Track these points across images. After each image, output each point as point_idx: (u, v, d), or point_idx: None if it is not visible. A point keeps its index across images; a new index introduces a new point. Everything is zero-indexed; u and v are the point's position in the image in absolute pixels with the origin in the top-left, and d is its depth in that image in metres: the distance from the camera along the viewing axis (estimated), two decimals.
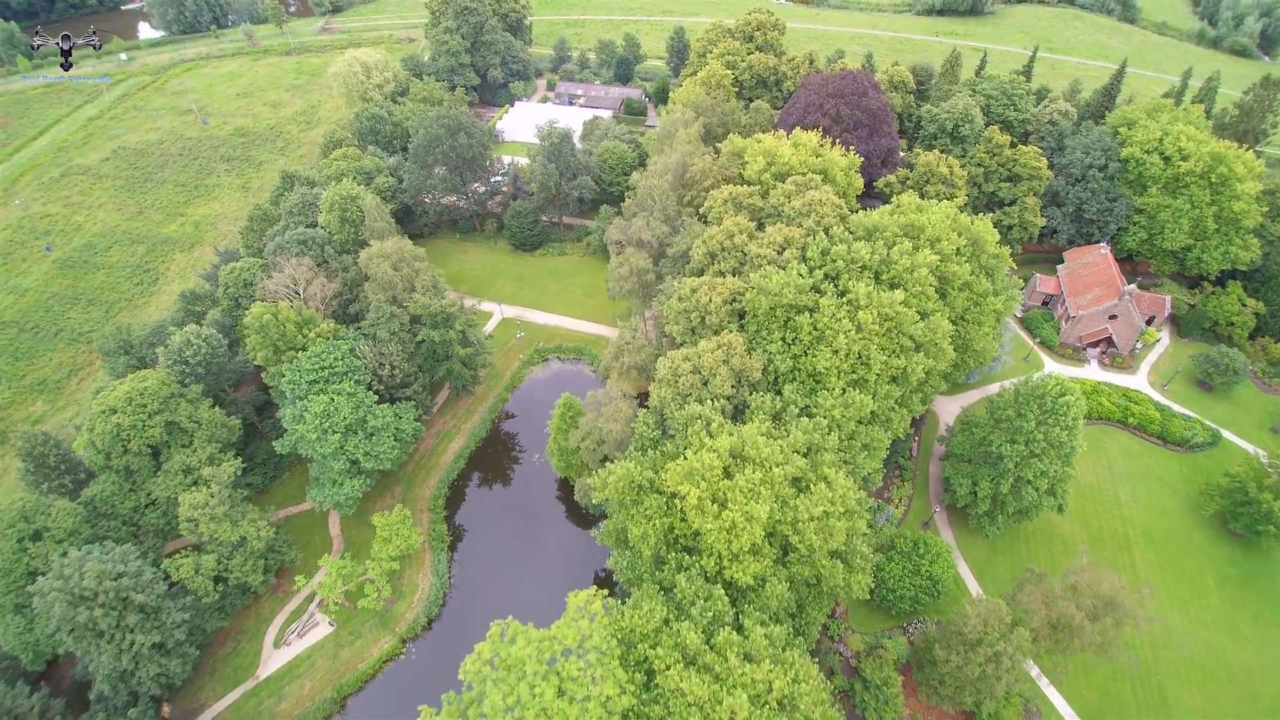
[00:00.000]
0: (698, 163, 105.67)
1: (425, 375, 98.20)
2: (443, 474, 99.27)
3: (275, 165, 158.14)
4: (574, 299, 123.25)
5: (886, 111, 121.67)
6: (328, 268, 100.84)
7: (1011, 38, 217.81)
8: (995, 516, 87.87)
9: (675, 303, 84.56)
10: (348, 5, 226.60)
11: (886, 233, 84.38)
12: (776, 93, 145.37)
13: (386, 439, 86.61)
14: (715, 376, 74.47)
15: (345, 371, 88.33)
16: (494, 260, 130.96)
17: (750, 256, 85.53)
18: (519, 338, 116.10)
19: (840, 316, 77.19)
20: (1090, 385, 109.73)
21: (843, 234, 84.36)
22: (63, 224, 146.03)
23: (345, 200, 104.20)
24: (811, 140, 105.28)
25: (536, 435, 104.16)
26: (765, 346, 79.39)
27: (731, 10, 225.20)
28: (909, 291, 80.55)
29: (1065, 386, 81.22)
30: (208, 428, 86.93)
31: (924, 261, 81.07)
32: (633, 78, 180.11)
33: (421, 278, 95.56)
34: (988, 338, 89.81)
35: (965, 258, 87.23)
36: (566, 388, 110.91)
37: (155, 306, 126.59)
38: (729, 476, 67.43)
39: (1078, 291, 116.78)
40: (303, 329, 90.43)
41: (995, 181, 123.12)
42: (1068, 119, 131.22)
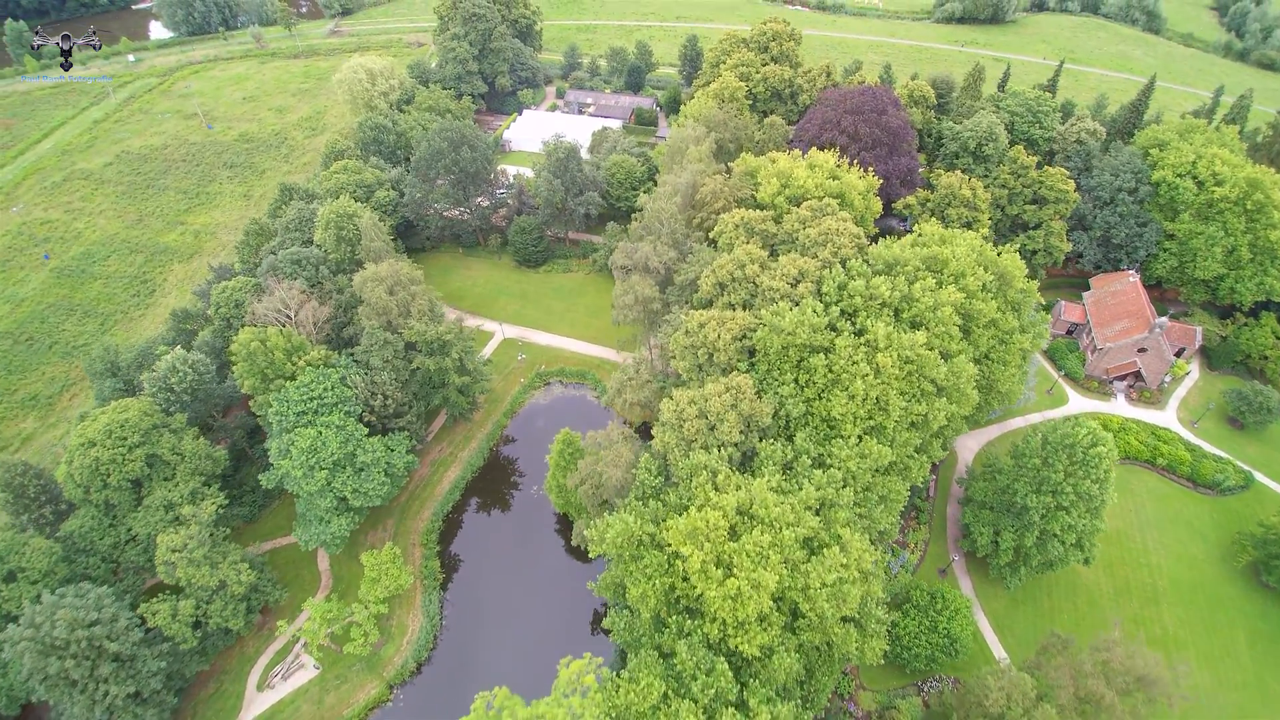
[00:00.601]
0: (708, 183, 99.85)
1: (420, 403, 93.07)
2: (437, 505, 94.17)
3: (278, 173, 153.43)
4: (578, 319, 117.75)
5: (907, 129, 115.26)
6: (321, 289, 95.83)
7: (1033, 47, 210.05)
8: (1018, 568, 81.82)
9: (682, 337, 78.91)
10: (358, 7, 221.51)
11: (908, 267, 78.35)
12: (792, 106, 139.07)
13: (377, 475, 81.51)
14: (723, 422, 68.83)
15: (335, 403, 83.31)
16: (497, 277, 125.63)
17: (762, 289, 79.75)
18: (520, 360, 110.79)
19: (858, 359, 71.32)
20: (1118, 422, 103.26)
21: (861, 267, 78.37)
22: (62, 231, 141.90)
23: (341, 218, 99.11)
24: (828, 161, 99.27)
25: (536, 464, 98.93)
26: (776, 389, 73.62)
27: (746, 17, 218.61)
28: (931, 332, 74.60)
29: (1097, 436, 75.05)
30: (191, 460, 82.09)
31: (948, 299, 75.07)
32: (644, 86, 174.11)
33: (418, 302, 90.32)
34: (1014, 379, 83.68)
35: (991, 294, 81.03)
36: (568, 414, 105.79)
37: (150, 320, 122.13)
38: (735, 537, 61.87)
39: (1105, 322, 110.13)
40: (292, 357, 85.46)
41: (1019, 204, 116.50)
42: (1095, 138, 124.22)
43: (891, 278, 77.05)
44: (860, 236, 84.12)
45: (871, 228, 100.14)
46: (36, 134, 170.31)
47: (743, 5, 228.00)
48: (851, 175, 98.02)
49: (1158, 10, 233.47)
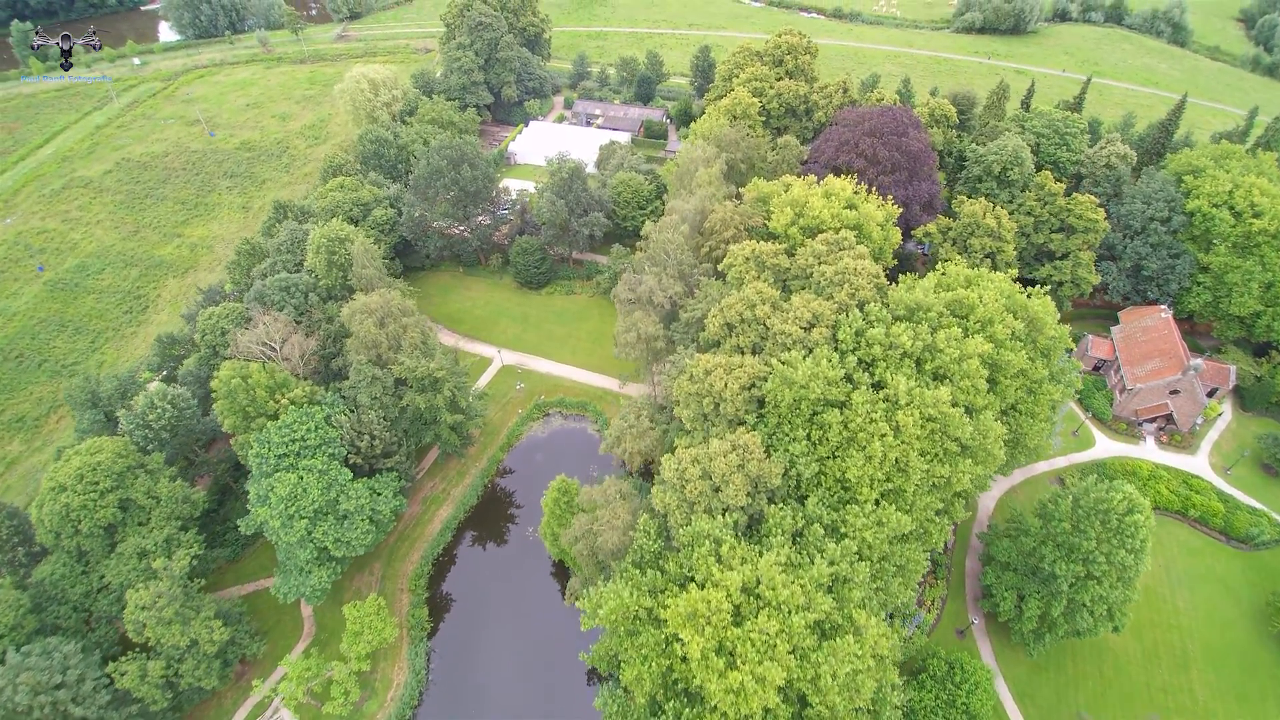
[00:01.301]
0: (718, 210, 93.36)
1: (410, 440, 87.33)
2: (427, 547, 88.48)
3: (278, 184, 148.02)
4: (580, 345, 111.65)
5: (928, 153, 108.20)
6: (310, 318, 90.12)
7: (1056, 59, 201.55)
8: (1042, 635, 75.24)
9: (686, 383, 72.65)
10: (366, 12, 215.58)
11: (931, 313, 71.67)
12: (806, 123, 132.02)
13: (360, 523, 75.85)
14: (728, 485, 62.59)
15: (318, 444, 77.66)
16: (497, 298, 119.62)
17: (773, 332, 73.32)
18: (519, 389, 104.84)
19: (876, 416, 64.86)
20: (1148, 470, 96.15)
21: (880, 313, 71.79)
22: (58, 241, 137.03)
23: (333, 243, 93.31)
24: (845, 190, 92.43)
25: (533, 502, 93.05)
26: (787, 446, 67.23)
27: (761, 25, 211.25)
28: (956, 385, 67.99)
29: (1134, 502, 68.36)
30: (167, 504, 76.66)
31: (975, 350, 68.42)
32: (654, 97, 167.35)
33: (409, 334, 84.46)
34: (1042, 433, 76.89)
35: (1021, 341, 74.24)
36: (567, 449, 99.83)
37: (140, 339, 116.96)
38: (739, 621, 55.73)
39: (1135, 360, 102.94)
40: (275, 394, 79.84)
41: (1046, 232, 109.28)
42: (1126, 163, 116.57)
43: (913, 325, 70.41)
44: (879, 276, 77.44)
45: (890, 259, 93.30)
46: (38, 139, 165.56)
47: (757, 13, 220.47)
48: (869, 205, 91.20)
49: (1183, 22, 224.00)
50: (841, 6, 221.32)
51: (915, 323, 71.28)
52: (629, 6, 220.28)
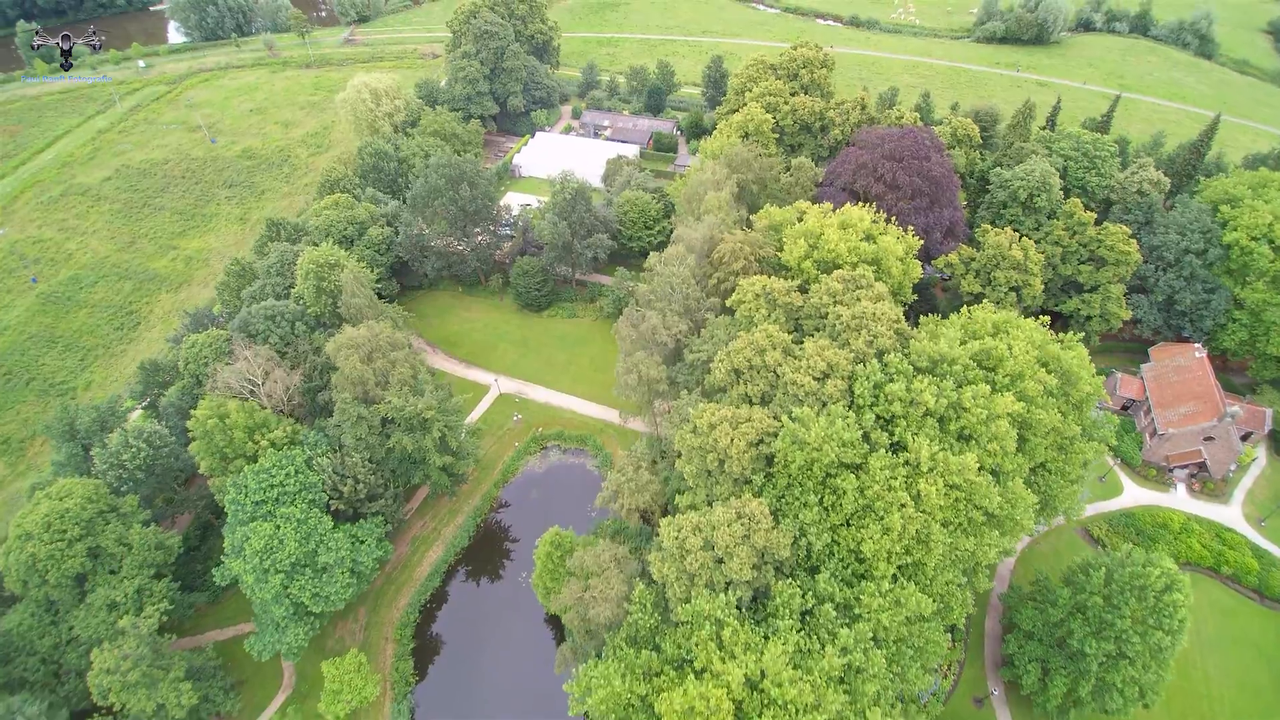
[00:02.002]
0: (727, 240, 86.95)
1: (399, 481, 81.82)
2: (415, 592, 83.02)
3: (278, 194, 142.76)
4: (581, 373, 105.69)
5: (951, 179, 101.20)
6: (295, 349, 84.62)
7: (1080, 71, 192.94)
8: (1068, 712, 68.82)
9: (690, 435, 66.59)
10: (375, 15, 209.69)
11: (956, 365, 65.13)
12: (822, 140, 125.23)
13: (341, 576, 70.43)
14: (732, 558, 56.58)
15: (298, 490, 72.28)
16: (497, 320, 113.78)
17: (784, 381, 67.09)
18: (516, 421, 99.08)
19: (895, 485, 58.64)
20: (1179, 522, 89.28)
21: (901, 364, 65.37)
22: (53, 251, 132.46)
23: (322, 268, 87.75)
24: (863, 220, 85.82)
25: (527, 543, 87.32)
26: (797, 512, 61.11)
27: (776, 33, 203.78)
28: (983, 448, 61.58)
29: (1173, 579, 62.03)
30: (139, 551, 71.55)
31: (1004, 409, 61.88)
32: (664, 108, 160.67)
33: (398, 370, 78.78)
34: (1073, 495, 70.28)
35: (1053, 395, 67.68)
36: (565, 486, 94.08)
37: (130, 358, 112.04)
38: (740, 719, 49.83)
39: (1167, 403, 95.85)
40: (254, 435, 74.47)
41: (1074, 264, 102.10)
42: (1159, 189, 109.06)
43: (937, 379, 63.96)
44: (900, 320, 70.92)
45: (909, 295, 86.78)
46: (40, 143, 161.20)
47: (772, 20, 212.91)
48: (889, 237, 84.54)
49: (1210, 34, 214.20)
50: (859, 14, 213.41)
51: (939, 377, 64.84)
52: (642, 12, 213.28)
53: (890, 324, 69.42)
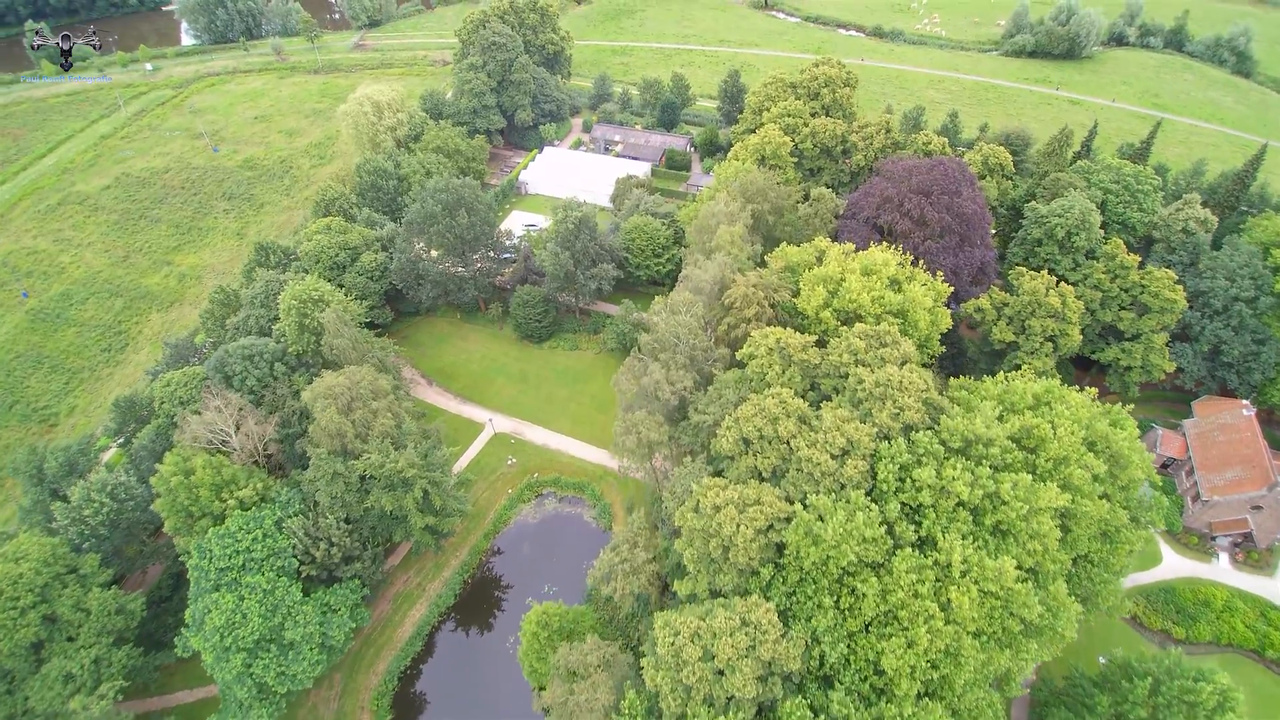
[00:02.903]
0: (739, 284, 78.84)
1: (378, 538, 74.93)
2: (396, 656, 76.15)
3: (277, 207, 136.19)
4: (582, 412, 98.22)
5: (983, 216, 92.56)
6: (273, 393, 77.73)
7: (1113, 89, 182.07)
8: None
9: (692, 515, 58.98)
10: (386, 20, 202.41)
11: (994, 448, 56.89)
12: (843, 165, 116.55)
13: (309, 652, 63.64)
14: (735, 671, 49.01)
15: (266, 556, 65.48)
16: (495, 352, 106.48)
17: (798, 457, 59.24)
18: (510, 465, 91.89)
19: (923, 591, 50.73)
20: (1222, 599, 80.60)
21: (930, 443, 57.24)
22: (46, 264, 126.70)
23: (305, 304, 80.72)
24: (888, 265, 77.53)
25: (517, 602, 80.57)
26: (810, 614, 53.42)
27: (796, 43, 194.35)
28: (1022, 547, 53.51)
29: (1227, 697, 54.10)
30: (98, 618, 65.19)
31: (1047, 503, 53.71)
32: (678, 123, 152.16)
33: (380, 421, 71.69)
34: (1117, 590, 61.99)
35: (1100, 481, 59.37)
36: (559, 538, 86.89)
37: (115, 381, 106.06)
38: None
39: (1212, 466, 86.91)
40: (221, 493, 67.71)
41: (1114, 309, 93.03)
42: (1206, 228, 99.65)
43: (971, 464, 55.86)
44: (929, 389, 62.64)
45: (937, 347, 78.47)
46: (42, 148, 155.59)
47: (792, 30, 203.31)
48: (916, 285, 76.09)
49: (1248, 51, 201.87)
50: (882, 24, 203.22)
51: (974, 461, 56.71)
52: (658, 20, 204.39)
53: (919, 394, 61.19)
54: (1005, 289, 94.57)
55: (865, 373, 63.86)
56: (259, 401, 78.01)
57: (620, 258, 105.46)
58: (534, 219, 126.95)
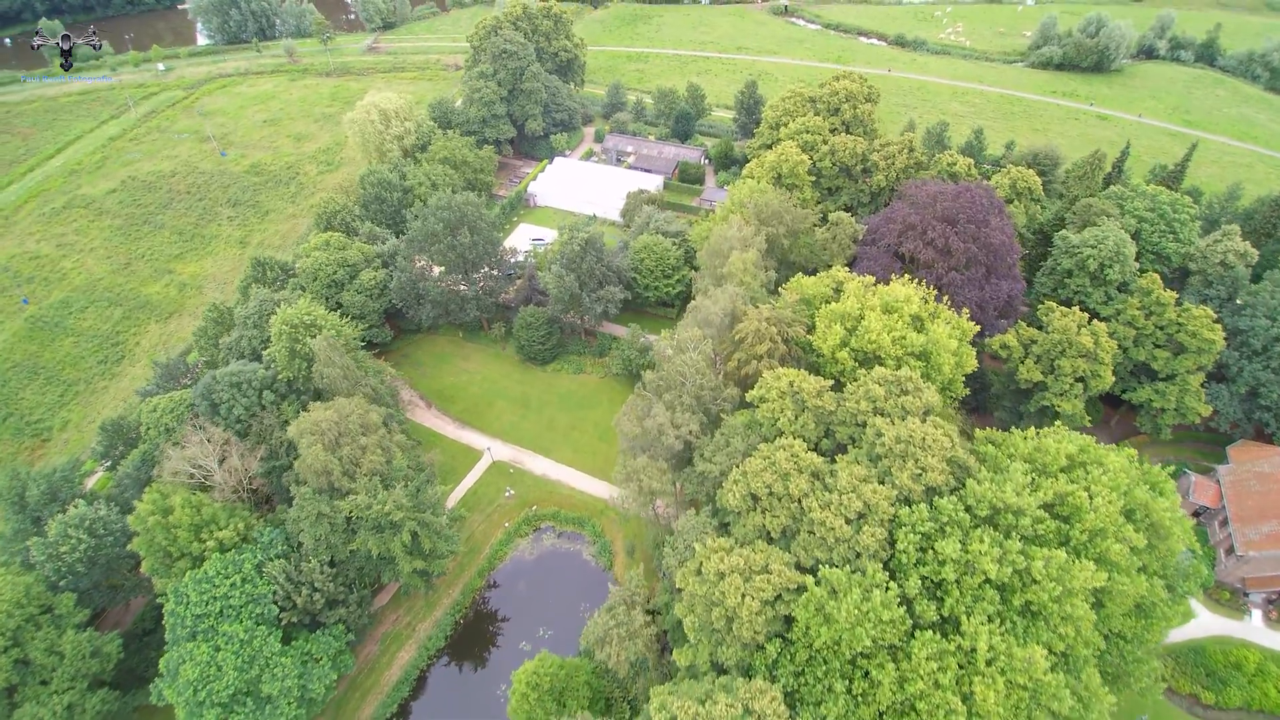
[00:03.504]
0: (750, 318, 73.72)
1: (365, 580, 70.82)
2: (382, 703, 71.87)
3: (282, 215, 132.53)
4: (584, 440, 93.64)
5: (1012, 247, 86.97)
6: (261, 423, 73.69)
7: (1142, 103, 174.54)
8: None
9: (694, 579, 54.29)
10: (400, 22, 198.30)
11: (1024, 518, 51.72)
12: (863, 185, 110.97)
13: (286, 707, 59.63)
14: None
15: (244, 604, 61.51)
16: (497, 373, 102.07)
17: (809, 519, 54.35)
18: (508, 497, 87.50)
19: (944, 682, 45.74)
20: (1254, 662, 74.83)
21: (955, 510, 52.12)
22: (48, 270, 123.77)
23: (296, 329, 76.59)
24: (910, 301, 72.17)
25: (512, 645, 76.43)
26: (820, 698, 48.57)
27: (815, 50, 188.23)
28: (1054, 631, 48.36)
29: None
30: (72, 661, 61.53)
31: (1083, 584, 48.52)
32: (693, 134, 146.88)
33: (369, 458, 67.47)
34: (1153, 670, 56.59)
35: (1139, 554, 54.00)
36: (557, 577, 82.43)
37: (110, 395, 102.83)
38: None
39: (1248, 518, 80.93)
40: (200, 533, 63.76)
41: (1148, 348, 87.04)
42: (1246, 262, 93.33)
43: (999, 535, 50.72)
44: (954, 445, 57.43)
45: (961, 390, 73.16)
46: (51, 148, 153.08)
47: (812, 38, 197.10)
48: (940, 325, 70.77)
49: None
50: (904, 33, 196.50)
51: (1002, 532, 51.56)
52: (675, 26, 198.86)
53: (943, 453, 56.02)
54: (1033, 323, 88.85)
55: (885, 424, 58.78)
56: (245, 431, 74.08)
57: (628, 279, 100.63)
58: (542, 232, 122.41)
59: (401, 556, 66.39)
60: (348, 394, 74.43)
